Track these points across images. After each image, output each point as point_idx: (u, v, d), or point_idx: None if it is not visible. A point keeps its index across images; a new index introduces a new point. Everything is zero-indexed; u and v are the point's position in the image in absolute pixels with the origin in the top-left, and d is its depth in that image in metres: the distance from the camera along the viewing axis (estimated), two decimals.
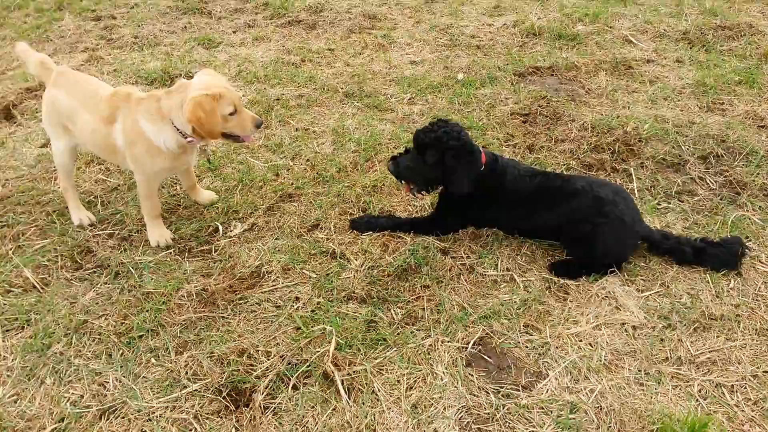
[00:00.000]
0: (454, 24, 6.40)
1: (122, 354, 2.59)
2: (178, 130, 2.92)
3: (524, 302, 2.82)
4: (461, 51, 5.75)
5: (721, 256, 2.95)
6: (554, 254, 3.15)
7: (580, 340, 2.62)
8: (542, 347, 2.59)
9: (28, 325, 2.74)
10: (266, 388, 2.41)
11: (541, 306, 2.81)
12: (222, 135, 2.97)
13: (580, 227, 2.94)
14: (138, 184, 3.14)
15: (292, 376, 2.45)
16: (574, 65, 5.27)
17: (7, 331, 2.72)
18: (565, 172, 3.70)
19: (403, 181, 3.16)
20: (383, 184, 3.68)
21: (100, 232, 3.32)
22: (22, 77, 5.19)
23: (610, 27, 6.17)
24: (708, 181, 3.67)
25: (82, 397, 2.40)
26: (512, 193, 3.05)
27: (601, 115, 4.41)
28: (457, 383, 2.43)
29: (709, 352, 2.56)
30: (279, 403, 2.36)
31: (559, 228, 3.03)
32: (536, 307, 2.80)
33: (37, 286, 2.96)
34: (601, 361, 2.52)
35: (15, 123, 4.55)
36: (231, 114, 2.91)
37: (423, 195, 3.27)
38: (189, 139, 2.95)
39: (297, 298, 2.87)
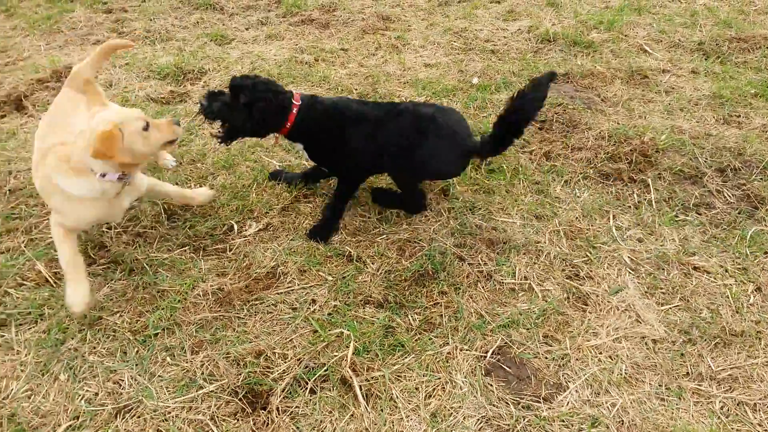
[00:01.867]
0: (468, 27, 6.37)
1: (137, 352, 2.56)
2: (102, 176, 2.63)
3: (543, 312, 2.80)
4: (475, 55, 5.72)
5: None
6: (569, 267, 3.12)
7: (600, 353, 2.60)
8: (562, 359, 2.57)
9: (42, 319, 2.71)
10: (283, 391, 2.39)
11: (560, 316, 2.78)
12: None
13: (400, 145, 3.01)
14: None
15: (310, 380, 2.43)
16: (589, 73, 5.24)
17: (20, 325, 2.69)
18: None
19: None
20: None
21: (114, 228, 3.29)
22: (33, 68, 5.15)
23: (625, 35, 6.14)
24: (726, 195, 3.64)
25: (96, 394, 2.37)
26: (357, 131, 3.08)
27: (618, 124, 4.38)
28: (477, 393, 2.40)
29: (731, 368, 2.53)
30: (296, 407, 2.34)
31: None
32: (555, 318, 2.77)
33: (50, 281, 2.92)
34: (621, 374, 2.50)
35: (26, 114, 4.51)
36: (145, 129, 2.67)
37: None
38: (117, 176, 2.67)
39: (313, 301, 2.84)
